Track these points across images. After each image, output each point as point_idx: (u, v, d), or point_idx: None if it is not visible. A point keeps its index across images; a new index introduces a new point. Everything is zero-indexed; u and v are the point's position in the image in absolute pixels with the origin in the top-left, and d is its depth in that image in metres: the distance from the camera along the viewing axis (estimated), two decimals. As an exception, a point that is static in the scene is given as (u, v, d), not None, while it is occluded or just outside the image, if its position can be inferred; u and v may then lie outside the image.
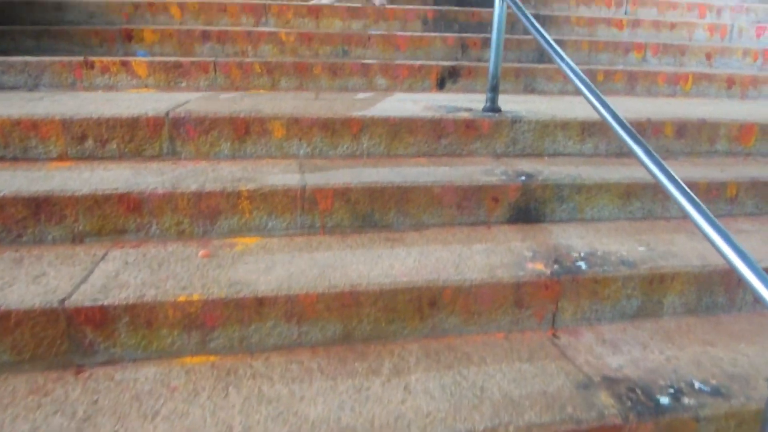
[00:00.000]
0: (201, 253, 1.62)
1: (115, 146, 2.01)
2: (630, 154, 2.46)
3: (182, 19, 3.64)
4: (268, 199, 1.74)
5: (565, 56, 1.89)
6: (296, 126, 2.09)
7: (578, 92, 3.23)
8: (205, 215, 1.73)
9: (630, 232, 1.91)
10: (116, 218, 1.70)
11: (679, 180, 1.27)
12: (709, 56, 3.68)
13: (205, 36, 3.27)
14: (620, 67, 3.30)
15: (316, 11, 3.69)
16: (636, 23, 3.96)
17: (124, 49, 3.25)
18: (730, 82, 3.34)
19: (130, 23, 3.59)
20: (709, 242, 1.12)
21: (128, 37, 3.24)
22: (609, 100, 2.80)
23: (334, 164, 2.05)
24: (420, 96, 2.81)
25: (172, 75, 2.90)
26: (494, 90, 2.34)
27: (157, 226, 1.72)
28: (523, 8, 2.14)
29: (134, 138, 2.02)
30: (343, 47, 3.35)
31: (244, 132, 2.06)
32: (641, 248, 1.75)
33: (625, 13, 4.37)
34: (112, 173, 1.86)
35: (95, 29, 3.23)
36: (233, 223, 1.75)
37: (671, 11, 4.40)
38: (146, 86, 2.90)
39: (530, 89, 3.15)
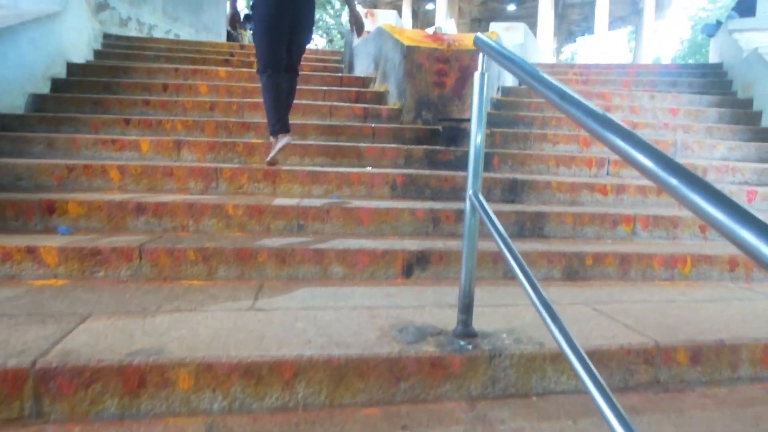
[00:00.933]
0: None
1: (-43, 407, 1.49)
2: (639, 388, 2.02)
3: (122, 184, 3.27)
4: None
5: (527, 270, 1.51)
6: (209, 374, 1.60)
7: (567, 279, 2.85)
8: None
9: None
10: None
11: None
12: (703, 228, 3.36)
13: (140, 209, 2.86)
14: (610, 249, 2.93)
15: (273, 176, 3.35)
16: (621, 188, 3.68)
17: (44, 224, 2.83)
18: (733, 263, 2.98)
19: (63, 188, 3.22)
20: None
21: (50, 209, 2.83)
22: (600, 289, 2.40)
23: (257, 427, 1.54)
24: (380, 295, 2.37)
25: (87, 263, 2.45)
26: (467, 310, 1.90)
27: None
28: (493, 217, 1.75)
29: (-14, 396, 1.50)
30: (299, 221, 2.96)
31: (137, 384, 1.56)
32: None
33: (607, 173, 4.12)
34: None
35: (12, 200, 2.82)
36: None
37: (655, 171, 4.16)
38: (55, 277, 2.44)
39: (510, 276, 2.73)
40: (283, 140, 3.49)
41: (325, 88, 5.15)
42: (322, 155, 3.82)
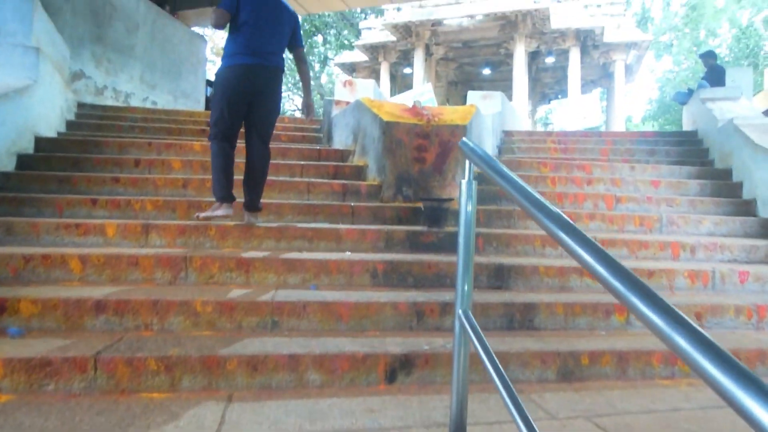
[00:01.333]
0: None
1: None
2: None
3: (83, 275, 3.04)
4: None
5: (521, 404, 1.31)
6: None
7: (563, 380, 2.65)
8: None
9: None
10: None
11: None
12: (699, 316, 3.22)
13: (99, 307, 2.63)
14: (606, 346, 2.75)
15: (246, 265, 3.16)
16: (610, 271, 3.54)
17: (-8, 324, 2.57)
18: (735, 356, 2.81)
19: (18, 280, 3.00)
20: None
21: (0, 308, 2.58)
22: (599, 393, 2.20)
23: None
24: (361, 410, 2.14)
25: (36, 376, 2.21)
26: (459, 443, 1.69)
27: None
28: (485, 341, 1.58)
29: None
30: (273, 318, 2.75)
31: None
32: None
33: (595, 253, 4.00)
34: None
35: (-43, 300, 2.57)
36: None
37: (643, 251, 4.06)
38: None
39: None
40: (224, 211, 3.53)
41: (302, 162, 5.02)
42: (299, 238, 3.64)
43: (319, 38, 30.40)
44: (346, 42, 28.05)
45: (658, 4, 31.01)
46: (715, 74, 8.66)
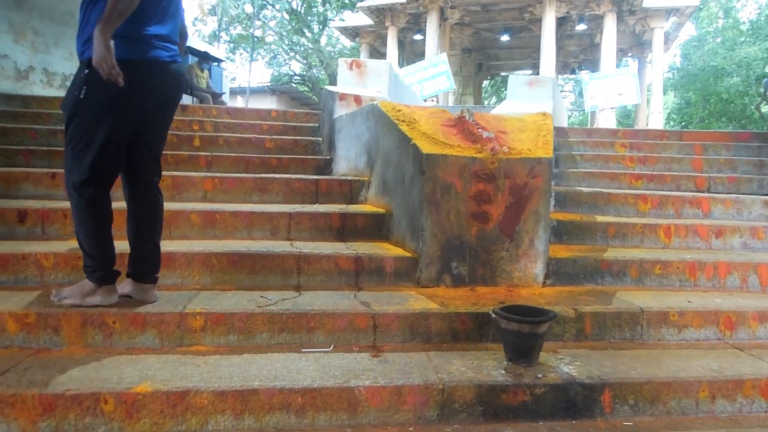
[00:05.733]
0: None
1: None
2: None
3: None
4: None
5: None
6: None
7: None
8: None
9: None
10: None
11: None
12: None
13: None
14: None
15: None
16: None
17: None
18: None
19: None
20: None
21: None
22: None
23: None
24: None
25: None
26: None
27: None
28: None
29: None
30: None
31: None
32: None
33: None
34: None
35: None
36: None
37: None
38: None
39: None
40: (106, 298, 2.26)
41: (289, 209, 3.23)
42: (279, 410, 1.92)
43: (318, -3, 27.87)
44: (347, 1, 25.66)
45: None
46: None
